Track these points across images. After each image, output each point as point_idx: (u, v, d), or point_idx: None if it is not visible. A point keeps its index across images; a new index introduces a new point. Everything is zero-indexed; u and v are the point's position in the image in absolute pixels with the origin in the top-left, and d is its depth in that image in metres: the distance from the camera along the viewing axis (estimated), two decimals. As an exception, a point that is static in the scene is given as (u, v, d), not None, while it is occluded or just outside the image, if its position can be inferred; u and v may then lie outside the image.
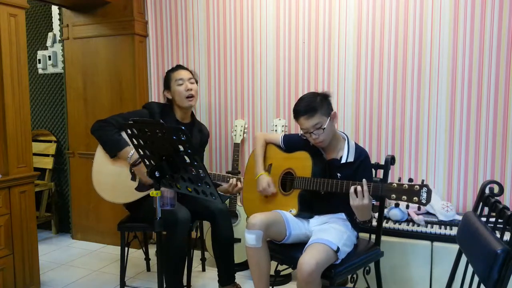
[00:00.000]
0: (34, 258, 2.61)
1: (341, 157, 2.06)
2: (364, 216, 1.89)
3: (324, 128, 1.99)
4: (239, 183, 2.37)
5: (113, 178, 2.37)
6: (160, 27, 3.34)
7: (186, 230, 2.26)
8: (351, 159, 2.05)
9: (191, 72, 2.59)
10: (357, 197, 1.80)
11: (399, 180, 1.77)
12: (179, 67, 2.61)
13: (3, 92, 2.39)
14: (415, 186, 1.67)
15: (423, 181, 1.70)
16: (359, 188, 1.80)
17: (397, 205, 1.84)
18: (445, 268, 2.23)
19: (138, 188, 2.36)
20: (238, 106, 3.15)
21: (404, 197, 1.70)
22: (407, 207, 2.44)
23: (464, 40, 2.53)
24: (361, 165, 2.04)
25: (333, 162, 2.09)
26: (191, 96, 2.50)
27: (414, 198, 1.67)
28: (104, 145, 2.38)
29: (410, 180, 1.74)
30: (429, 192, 1.65)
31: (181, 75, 2.52)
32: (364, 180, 1.81)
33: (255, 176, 2.24)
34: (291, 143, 2.25)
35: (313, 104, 2.00)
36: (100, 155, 2.41)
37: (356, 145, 2.12)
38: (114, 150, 2.35)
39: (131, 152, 2.31)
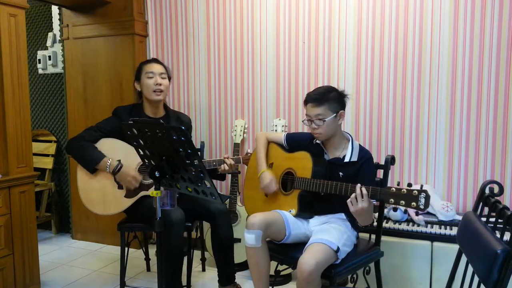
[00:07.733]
0: (34, 258, 2.61)
1: (344, 156, 2.07)
2: (366, 220, 1.88)
3: (325, 121, 2.00)
4: (227, 160, 2.35)
5: (100, 191, 2.37)
6: (160, 27, 3.34)
7: (181, 230, 2.26)
8: (354, 158, 2.05)
9: (165, 67, 2.55)
10: (352, 204, 1.81)
11: (398, 184, 1.77)
12: (153, 60, 2.58)
13: (3, 92, 2.39)
14: (414, 191, 1.66)
15: (422, 186, 1.69)
16: (352, 195, 1.80)
17: (395, 210, 1.83)
18: (445, 268, 2.23)
19: (127, 195, 2.36)
20: (238, 106, 3.15)
21: (402, 202, 1.70)
22: (405, 211, 2.46)
23: (464, 40, 2.53)
24: (364, 165, 2.04)
25: (335, 161, 2.09)
26: (159, 91, 2.46)
27: (412, 203, 1.67)
28: (82, 164, 2.37)
29: (409, 184, 1.73)
30: (427, 198, 1.64)
31: (152, 68, 2.49)
32: (358, 184, 1.81)
33: (258, 173, 2.24)
34: (294, 142, 2.25)
35: (324, 96, 2.03)
36: (81, 172, 2.40)
37: (360, 146, 2.12)
38: (92, 165, 2.34)
39: (108, 161, 2.31)
